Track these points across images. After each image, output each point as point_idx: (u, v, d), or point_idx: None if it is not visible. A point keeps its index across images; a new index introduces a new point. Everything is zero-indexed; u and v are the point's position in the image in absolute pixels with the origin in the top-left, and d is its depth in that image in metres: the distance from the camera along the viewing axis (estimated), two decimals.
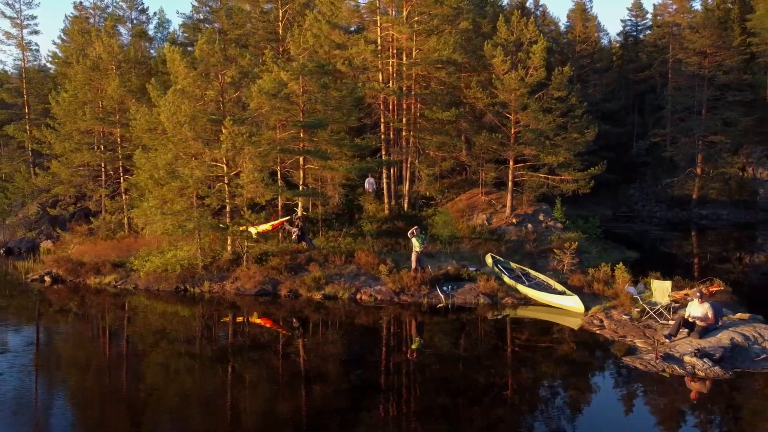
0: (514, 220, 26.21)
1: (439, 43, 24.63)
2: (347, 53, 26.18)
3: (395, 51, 27.24)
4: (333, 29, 27.88)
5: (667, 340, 13.21)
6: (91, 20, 36.03)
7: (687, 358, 12.20)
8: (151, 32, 39.53)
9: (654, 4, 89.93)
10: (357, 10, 26.44)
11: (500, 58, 24.65)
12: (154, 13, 66.78)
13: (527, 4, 53.02)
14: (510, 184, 26.19)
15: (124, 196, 27.39)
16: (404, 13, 26.37)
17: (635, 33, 55.01)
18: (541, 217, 26.62)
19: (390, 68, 26.98)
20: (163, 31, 41.04)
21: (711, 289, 15.27)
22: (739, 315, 14.20)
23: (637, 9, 53.91)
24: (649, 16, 54.23)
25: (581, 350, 14.07)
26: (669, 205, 47.16)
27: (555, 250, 19.95)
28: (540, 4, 56.77)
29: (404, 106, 27.75)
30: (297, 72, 20.23)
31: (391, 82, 26.88)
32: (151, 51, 37.69)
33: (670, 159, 47.23)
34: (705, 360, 12.01)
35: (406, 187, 28.23)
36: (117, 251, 23.34)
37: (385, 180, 27.26)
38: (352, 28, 30.65)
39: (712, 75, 44.61)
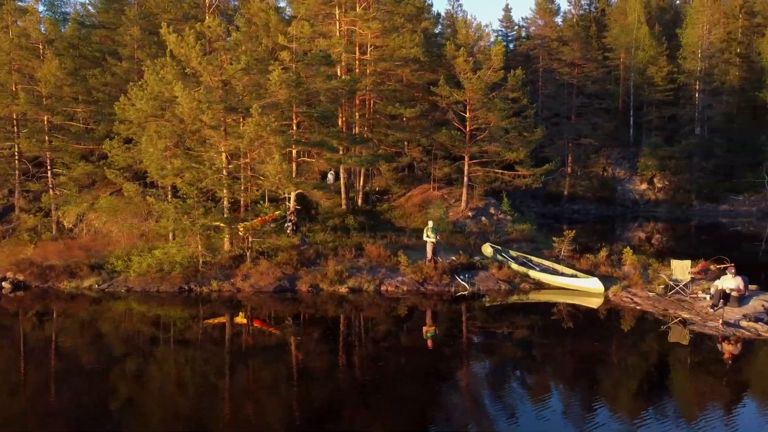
0: (470, 214, 27.64)
1: (404, 40, 25.22)
2: (308, 46, 25.70)
3: (349, 46, 27.27)
4: (282, 20, 27.20)
5: (711, 310, 15.27)
6: None
7: (744, 323, 14.30)
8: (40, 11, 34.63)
9: (522, 17, 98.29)
10: (324, 3, 25.98)
11: (463, 57, 25.89)
12: None
13: None
14: (466, 179, 27.55)
15: (53, 192, 24.33)
16: (358, 9, 26.49)
17: (506, 43, 59.65)
18: (492, 211, 28.35)
19: (345, 63, 26.97)
20: (56, 11, 36.36)
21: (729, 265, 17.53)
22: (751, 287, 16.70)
23: (507, 21, 58.61)
24: (516, 28, 59.17)
25: (642, 324, 15.55)
26: (544, 201, 51.97)
27: (554, 239, 21.64)
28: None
29: (357, 102, 27.89)
30: (303, 61, 19.68)
31: (343, 76, 26.85)
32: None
33: (543, 159, 52.08)
34: (760, 323, 14.17)
35: (360, 182, 28.39)
36: (74, 253, 20.81)
37: (343, 175, 27.20)
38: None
39: (581, 84, 50.10)
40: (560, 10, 57.46)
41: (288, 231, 21.02)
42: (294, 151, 21.21)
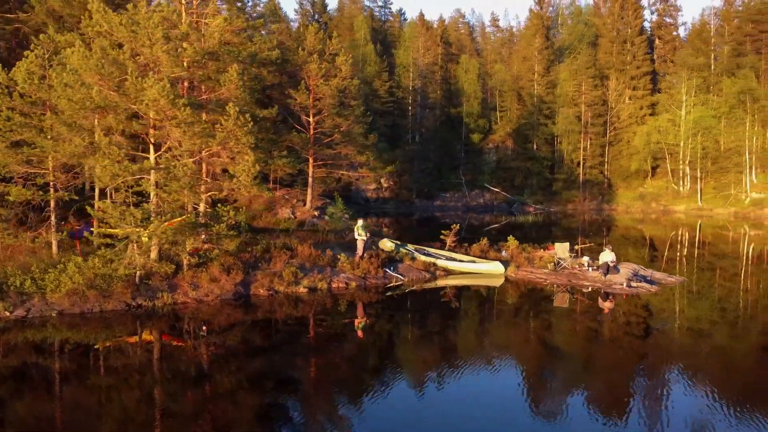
0: (315, 213, 28.92)
1: (264, 41, 25.33)
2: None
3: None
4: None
5: (603, 278, 20.40)
6: None
7: (633, 283, 19.67)
8: None
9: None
10: None
11: (316, 64, 27.10)
12: None
13: None
14: (311, 180, 28.74)
15: None
16: (193, 3, 25.40)
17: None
18: (331, 210, 30.01)
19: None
20: None
21: (582, 246, 23.16)
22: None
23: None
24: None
25: (564, 293, 19.69)
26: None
27: (443, 231, 24.61)
28: None
29: None
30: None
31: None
32: None
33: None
34: (642, 283, 19.75)
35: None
36: None
37: None
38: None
39: (371, 98, 54.30)
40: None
41: (203, 236, 19.70)
42: (203, 153, 19.82)
